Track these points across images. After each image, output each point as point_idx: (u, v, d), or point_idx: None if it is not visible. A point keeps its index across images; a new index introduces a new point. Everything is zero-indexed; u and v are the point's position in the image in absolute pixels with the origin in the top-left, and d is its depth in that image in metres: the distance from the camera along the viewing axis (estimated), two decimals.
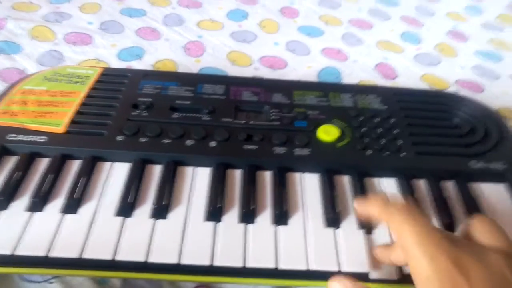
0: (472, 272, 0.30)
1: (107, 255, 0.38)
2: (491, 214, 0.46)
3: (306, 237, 0.41)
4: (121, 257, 0.38)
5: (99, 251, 0.38)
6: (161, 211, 0.42)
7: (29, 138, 0.47)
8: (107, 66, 0.69)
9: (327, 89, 0.58)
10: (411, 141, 0.51)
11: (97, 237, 0.39)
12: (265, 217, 0.43)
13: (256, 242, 0.40)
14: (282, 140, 0.49)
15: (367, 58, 0.80)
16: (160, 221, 0.41)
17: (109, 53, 0.72)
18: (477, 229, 0.34)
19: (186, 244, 0.39)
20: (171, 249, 0.39)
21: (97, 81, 0.56)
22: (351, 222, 0.43)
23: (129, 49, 0.74)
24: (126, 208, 0.42)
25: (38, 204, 0.41)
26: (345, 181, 0.48)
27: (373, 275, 0.39)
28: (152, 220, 0.41)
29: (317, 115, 0.53)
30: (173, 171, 0.46)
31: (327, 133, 0.50)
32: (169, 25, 0.82)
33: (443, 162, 0.49)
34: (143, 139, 0.47)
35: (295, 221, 0.43)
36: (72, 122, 0.49)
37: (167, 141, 0.48)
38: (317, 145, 0.49)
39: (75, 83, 0.55)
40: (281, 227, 0.42)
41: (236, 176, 0.47)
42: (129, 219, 0.41)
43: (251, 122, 0.51)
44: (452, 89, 0.74)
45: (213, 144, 0.48)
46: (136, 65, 0.70)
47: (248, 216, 0.42)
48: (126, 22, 0.81)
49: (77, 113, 0.50)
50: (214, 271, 0.38)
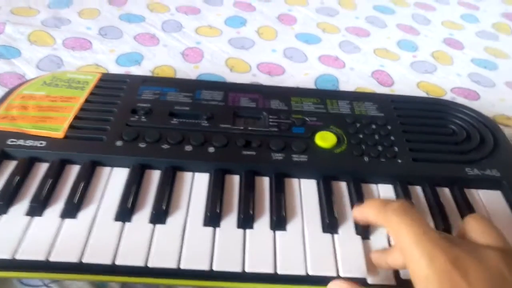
0: (471, 270, 0.30)
1: (106, 260, 0.38)
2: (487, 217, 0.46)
3: (304, 242, 0.41)
4: (120, 261, 0.38)
5: (98, 255, 0.38)
6: (160, 216, 0.42)
7: (29, 143, 0.47)
8: (106, 72, 0.69)
9: (324, 96, 0.59)
10: (407, 147, 0.51)
11: (96, 241, 0.40)
12: (263, 222, 0.43)
13: (254, 247, 0.41)
14: (280, 146, 0.49)
15: (364, 65, 0.80)
16: (159, 226, 0.41)
17: (108, 59, 0.72)
18: (472, 228, 0.35)
19: (185, 249, 0.40)
20: (170, 253, 0.39)
21: (96, 86, 0.56)
22: (348, 228, 0.43)
23: (127, 54, 0.74)
24: (125, 213, 0.42)
25: (37, 208, 0.41)
26: (342, 187, 0.48)
27: (371, 280, 0.39)
28: (151, 225, 0.41)
29: (314, 122, 0.54)
30: (172, 176, 0.46)
31: (325, 139, 0.51)
32: (167, 31, 0.82)
33: (439, 168, 0.50)
34: (142, 145, 0.48)
35: (293, 226, 0.43)
36: (71, 127, 0.49)
37: (166, 146, 0.48)
38: (314, 151, 0.50)
39: (74, 89, 0.55)
40: (279, 233, 0.42)
41: (235, 181, 0.47)
42: (128, 224, 0.41)
43: (249, 128, 0.52)
44: (448, 96, 0.75)
45: (211, 149, 0.48)
46: (135, 70, 0.71)
47: (246, 221, 0.43)
48: (125, 28, 0.81)
49: (76, 118, 0.51)
50: (212, 275, 0.39)
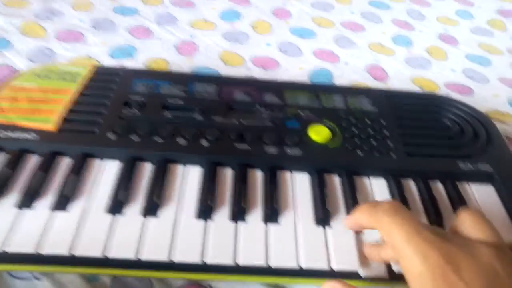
0: (463, 266, 0.30)
1: (97, 252, 0.38)
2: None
3: (296, 235, 0.41)
4: (111, 254, 0.38)
5: (89, 248, 0.38)
6: (152, 208, 0.42)
7: (19, 135, 0.46)
8: (99, 64, 0.69)
9: (318, 90, 0.59)
10: (401, 142, 0.51)
11: (88, 234, 0.39)
12: (256, 215, 0.43)
13: (247, 240, 0.40)
14: (274, 139, 0.49)
15: (359, 60, 0.80)
16: (151, 219, 0.41)
17: (101, 51, 0.72)
18: (464, 223, 0.35)
19: (177, 241, 0.39)
20: (162, 246, 0.39)
21: (88, 79, 0.56)
22: (341, 221, 0.43)
23: (121, 47, 0.74)
24: (117, 206, 0.42)
25: (28, 201, 0.41)
26: (335, 181, 0.48)
27: (363, 273, 0.39)
28: (143, 218, 0.41)
29: (308, 116, 0.53)
30: (164, 169, 0.46)
31: (318, 133, 0.51)
32: (161, 24, 0.82)
33: (432, 163, 0.50)
34: (135, 137, 0.47)
35: (285, 219, 0.43)
36: (63, 119, 0.49)
37: (158, 139, 0.48)
38: (308, 145, 0.50)
39: (66, 81, 0.54)
40: (272, 226, 0.42)
41: (228, 175, 0.47)
42: (119, 216, 0.41)
43: (243, 122, 0.51)
44: (442, 91, 0.75)
45: (204, 143, 0.48)
46: (128, 63, 0.70)
47: (239, 214, 0.42)
48: (118, 21, 0.80)
49: (68, 110, 0.50)
50: (204, 268, 0.38)
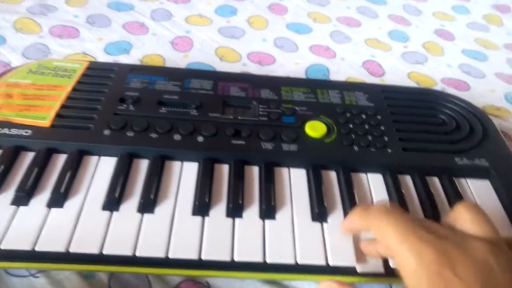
0: (458, 263, 0.30)
1: (93, 249, 0.38)
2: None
3: (293, 231, 0.41)
4: (108, 251, 0.38)
5: (85, 245, 0.38)
6: (148, 205, 0.42)
7: (14, 131, 0.46)
8: (94, 60, 0.68)
9: (314, 85, 0.59)
10: (397, 137, 0.51)
11: (84, 231, 0.39)
12: (252, 211, 0.43)
13: (243, 236, 0.40)
14: (270, 135, 0.49)
15: (355, 55, 0.80)
16: (147, 215, 0.41)
17: (96, 47, 0.71)
18: (461, 216, 0.35)
19: (173, 238, 0.39)
20: (159, 243, 0.39)
21: (83, 75, 0.55)
22: (338, 217, 0.43)
23: (116, 43, 0.73)
24: (113, 202, 0.41)
25: (23, 198, 0.41)
26: (332, 177, 0.48)
27: (360, 268, 0.39)
28: (139, 214, 0.41)
29: (304, 111, 0.53)
30: (160, 165, 0.46)
31: (315, 129, 0.50)
32: (157, 20, 0.81)
33: (429, 158, 0.50)
34: (130, 134, 0.47)
35: (282, 215, 0.43)
36: (58, 115, 0.48)
37: (154, 135, 0.47)
38: (304, 140, 0.49)
39: (61, 77, 0.54)
40: (268, 222, 0.42)
41: (224, 171, 0.47)
42: (116, 213, 0.41)
43: (239, 118, 0.51)
44: (438, 87, 0.75)
45: (200, 139, 0.48)
46: (124, 59, 0.70)
47: (235, 210, 0.42)
48: (113, 16, 0.80)
49: (63, 106, 0.50)
50: (201, 265, 0.38)
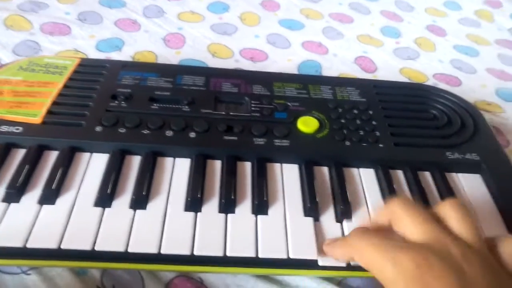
0: (434, 268, 0.30)
1: (86, 246, 0.38)
2: (467, 204, 0.47)
3: (285, 226, 0.41)
4: (100, 247, 0.38)
5: (77, 241, 0.38)
6: (140, 201, 0.42)
7: (5, 128, 0.46)
8: (85, 57, 0.68)
9: (306, 81, 0.59)
10: (389, 132, 0.52)
11: (76, 227, 0.39)
12: (245, 207, 0.43)
13: (236, 232, 0.40)
14: (262, 131, 0.49)
15: (347, 51, 0.80)
16: (140, 212, 0.41)
17: (87, 44, 0.71)
18: (446, 213, 0.35)
19: (166, 234, 0.39)
20: (151, 239, 0.39)
21: (75, 71, 0.55)
22: (330, 212, 0.44)
23: (108, 40, 0.73)
24: (105, 199, 0.41)
25: (14, 194, 0.41)
26: (324, 172, 0.48)
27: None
28: (132, 211, 0.41)
29: (297, 107, 0.53)
30: (152, 161, 0.46)
31: (307, 124, 0.51)
32: (149, 17, 0.81)
33: (420, 153, 0.50)
34: (122, 130, 0.47)
35: (274, 211, 0.43)
36: (49, 112, 0.48)
37: (146, 132, 0.47)
38: (296, 136, 0.50)
39: (52, 74, 0.54)
40: (261, 217, 0.42)
41: (216, 166, 0.47)
42: (108, 209, 0.41)
43: (231, 114, 0.51)
44: (430, 82, 0.75)
45: (192, 135, 0.48)
46: (115, 56, 0.70)
47: (228, 206, 0.42)
48: (105, 13, 0.80)
49: (54, 103, 0.49)
50: (194, 260, 0.38)
